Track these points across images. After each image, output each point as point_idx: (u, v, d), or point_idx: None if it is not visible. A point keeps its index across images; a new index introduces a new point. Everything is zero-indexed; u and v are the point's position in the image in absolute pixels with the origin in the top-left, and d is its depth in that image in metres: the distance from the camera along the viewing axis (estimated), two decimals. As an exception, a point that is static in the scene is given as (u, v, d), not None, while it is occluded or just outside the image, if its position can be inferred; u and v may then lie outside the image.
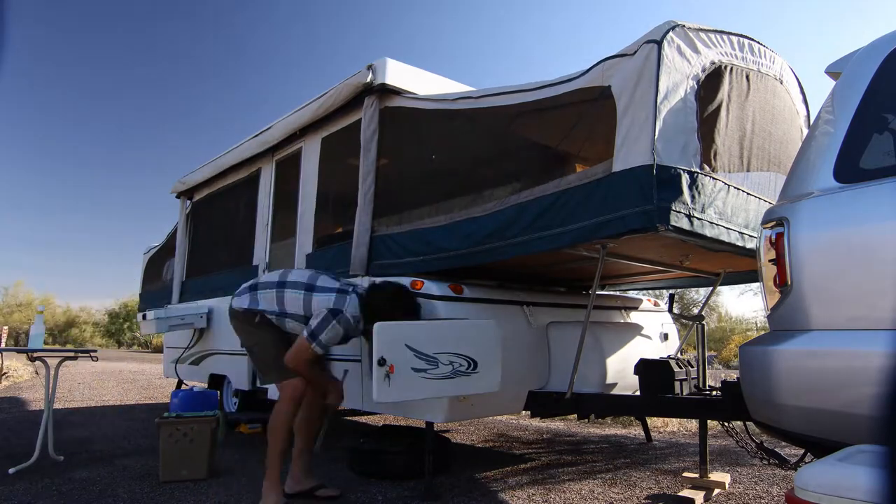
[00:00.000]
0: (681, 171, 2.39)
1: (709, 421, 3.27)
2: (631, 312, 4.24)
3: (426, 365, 2.63)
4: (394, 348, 2.57)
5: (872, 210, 1.72)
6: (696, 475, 3.23)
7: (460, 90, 3.89)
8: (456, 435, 4.94)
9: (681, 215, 2.35)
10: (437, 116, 3.53)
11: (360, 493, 3.09)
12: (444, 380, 2.66)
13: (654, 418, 5.26)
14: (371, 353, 2.60)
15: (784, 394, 1.81)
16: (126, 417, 6.02)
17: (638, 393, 3.10)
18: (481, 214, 3.03)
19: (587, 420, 5.55)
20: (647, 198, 2.30)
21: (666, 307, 4.33)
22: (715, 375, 8.17)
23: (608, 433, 5.17)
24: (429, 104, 3.55)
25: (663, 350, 4.17)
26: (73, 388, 8.84)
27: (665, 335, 4.30)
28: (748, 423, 2.56)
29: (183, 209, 6.51)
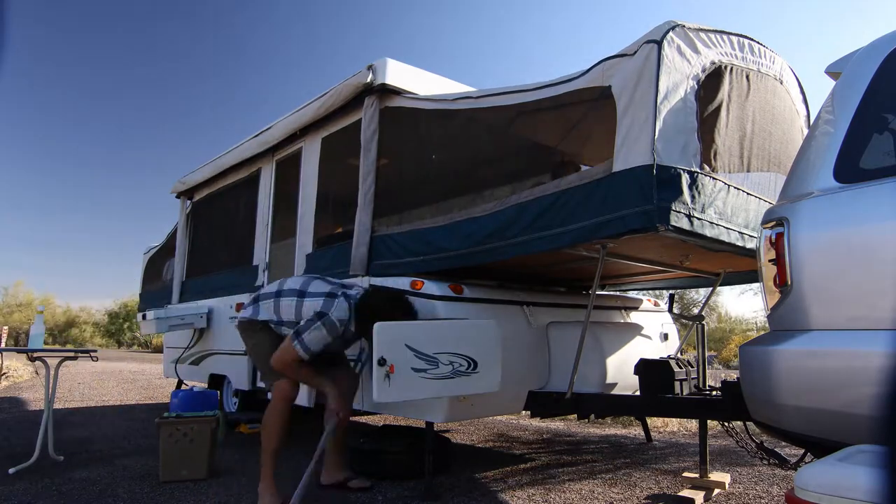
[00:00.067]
0: (681, 171, 2.39)
1: (709, 421, 3.27)
2: (631, 312, 4.24)
3: (426, 365, 2.63)
4: (394, 348, 2.57)
5: (872, 210, 1.72)
6: (696, 475, 3.23)
7: (460, 90, 3.89)
8: (456, 435, 4.94)
9: (681, 215, 2.35)
10: (437, 116, 3.53)
11: (360, 492, 3.09)
12: (444, 380, 2.67)
13: (654, 418, 5.26)
14: (371, 353, 2.60)
15: (784, 394, 1.81)
16: (126, 417, 6.02)
17: (638, 393, 3.10)
18: (481, 214, 3.03)
19: (587, 420, 5.55)
20: (647, 198, 2.31)
21: (666, 307, 4.33)
22: (715, 375, 8.17)
23: (608, 433, 5.17)
24: (429, 104, 3.55)
25: (663, 350, 4.17)
26: (73, 388, 8.84)
27: (665, 335, 4.30)
28: (748, 423, 2.57)
29: (183, 209, 6.52)
